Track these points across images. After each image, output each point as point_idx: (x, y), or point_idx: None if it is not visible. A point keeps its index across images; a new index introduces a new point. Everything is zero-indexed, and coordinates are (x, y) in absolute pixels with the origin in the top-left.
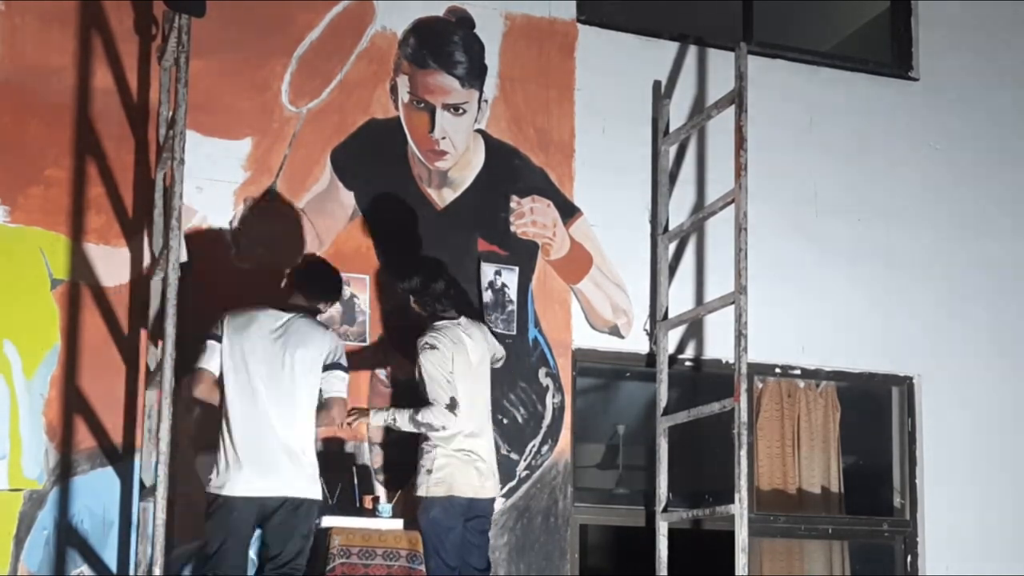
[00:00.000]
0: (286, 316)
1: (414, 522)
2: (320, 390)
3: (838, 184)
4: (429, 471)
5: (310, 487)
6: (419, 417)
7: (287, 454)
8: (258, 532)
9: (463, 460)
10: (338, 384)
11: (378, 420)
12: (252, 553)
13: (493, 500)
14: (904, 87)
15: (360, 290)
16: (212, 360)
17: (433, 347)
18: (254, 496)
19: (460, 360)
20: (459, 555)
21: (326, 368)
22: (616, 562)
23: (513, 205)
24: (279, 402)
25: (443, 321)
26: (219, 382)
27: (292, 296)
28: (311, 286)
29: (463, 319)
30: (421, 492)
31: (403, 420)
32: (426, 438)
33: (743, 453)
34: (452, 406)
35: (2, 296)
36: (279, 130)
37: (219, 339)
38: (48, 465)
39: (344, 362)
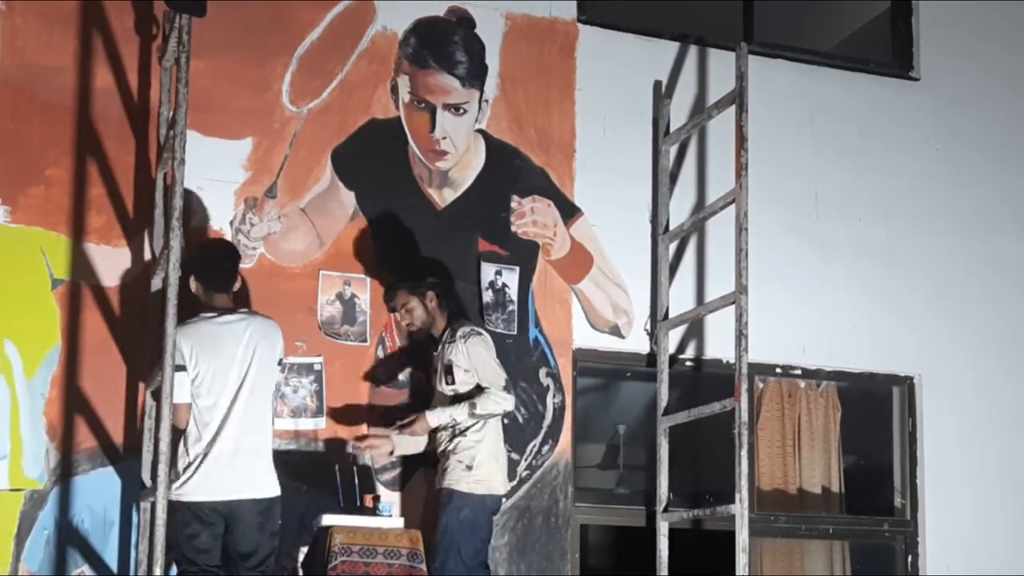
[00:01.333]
0: (237, 318)
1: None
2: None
3: (839, 184)
4: (469, 467)
5: (274, 485)
6: (479, 409)
7: (255, 455)
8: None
9: (499, 456)
10: (279, 376)
11: (436, 420)
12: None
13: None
14: (905, 87)
15: (360, 290)
16: (184, 392)
17: (479, 333)
18: (225, 499)
19: None
20: (477, 554)
21: (278, 364)
22: (616, 562)
23: (514, 205)
24: (247, 405)
25: (463, 318)
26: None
27: (208, 297)
28: (211, 282)
29: None
30: (460, 487)
31: (462, 415)
32: (464, 432)
33: (743, 453)
34: (508, 387)
35: (3, 296)
36: (280, 130)
37: (183, 368)
38: (49, 465)
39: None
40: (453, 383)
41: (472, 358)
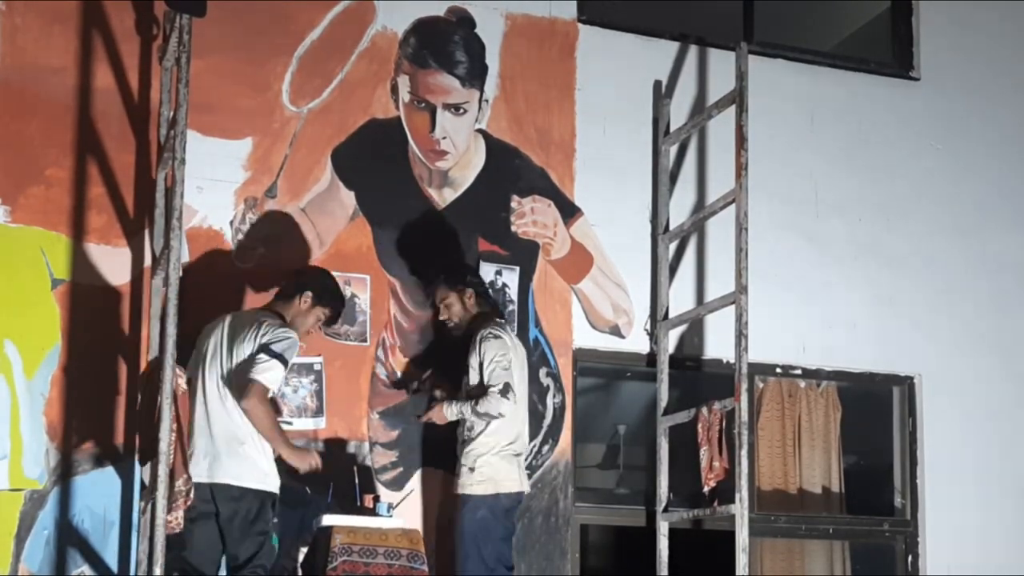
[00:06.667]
0: (238, 314)
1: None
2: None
3: (838, 184)
4: (472, 469)
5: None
6: (479, 407)
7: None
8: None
9: (505, 456)
10: (258, 367)
11: (451, 413)
12: None
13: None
14: (905, 87)
15: (360, 290)
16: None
17: (497, 336)
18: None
19: (514, 357)
20: (499, 555)
21: (256, 352)
22: (616, 562)
23: (514, 205)
24: (218, 393)
25: (499, 320)
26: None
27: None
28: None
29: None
30: (467, 491)
31: (468, 412)
32: (470, 437)
33: (743, 453)
34: (505, 391)
35: (3, 296)
36: (280, 130)
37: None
38: (49, 465)
39: (275, 348)
40: (470, 383)
41: (483, 357)
